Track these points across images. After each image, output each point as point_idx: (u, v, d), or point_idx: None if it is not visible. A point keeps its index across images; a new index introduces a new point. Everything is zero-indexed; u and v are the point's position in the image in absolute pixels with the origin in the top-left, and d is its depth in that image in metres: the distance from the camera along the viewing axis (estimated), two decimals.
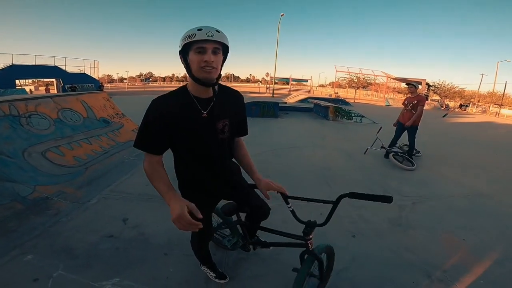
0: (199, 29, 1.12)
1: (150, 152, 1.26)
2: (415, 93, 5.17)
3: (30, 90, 22.45)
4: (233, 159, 1.56)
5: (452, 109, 24.39)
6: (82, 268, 1.95)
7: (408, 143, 5.29)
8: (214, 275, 1.87)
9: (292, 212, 1.42)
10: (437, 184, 4.17)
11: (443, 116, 15.35)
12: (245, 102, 1.54)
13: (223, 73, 1.31)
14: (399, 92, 30.97)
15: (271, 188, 1.44)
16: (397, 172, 4.65)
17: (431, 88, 31.81)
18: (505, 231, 2.80)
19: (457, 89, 33.59)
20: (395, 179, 4.28)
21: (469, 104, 27.34)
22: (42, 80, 24.83)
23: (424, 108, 5.10)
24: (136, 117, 6.85)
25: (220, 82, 1.32)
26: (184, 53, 1.18)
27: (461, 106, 26.40)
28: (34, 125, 3.97)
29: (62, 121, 4.51)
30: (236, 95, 1.45)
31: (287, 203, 1.42)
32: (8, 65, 19.21)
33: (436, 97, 32.53)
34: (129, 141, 5.30)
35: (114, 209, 2.86)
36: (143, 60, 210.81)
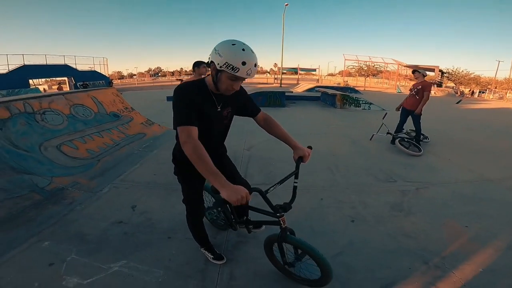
0: (243, 63, 1.23)
1: (194, 124, 1.33)
2: (420, 78, 5.08)
3: (44, 89, 23.01)
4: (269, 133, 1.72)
5: (467, 95, 23.46)
6: (93, 252, 2.08)
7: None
8: (212, 256, 1.98)
9: (295, 188, 1.52)
10: (444, 169, 4.09)
11: (457, 103, 14.86)
12: (251, 92, 1.64)
13: None
14: (411, 80, 29.99)
15: (305, 157, 1.56)
16: (403, 157, 4.60)
17: (445, 75, 30.72)
18: (511, 219, 2.68)
19: (472, 76, 32.22)
20: (400, 164, 4.25)
21: (486, 90, 26.20)
22: (55, 79, 25.31)
23: (438, 94, 4.99)
24: (145, 111, 7.03)
25: None
26: (219, 69, 1.29)
27: (472, 92, 25.31)
28: (49, 121, 4.18)
29: (75, 116, 4.71)
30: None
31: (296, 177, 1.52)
32: (20, 65, 19.54)
33: (451, 84, 31.38)
34: (138, 134, 5.47)
35: (124, 197, 3.02)
36: (151, 56, 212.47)
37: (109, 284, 1.78)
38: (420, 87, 4.97)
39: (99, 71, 26.32)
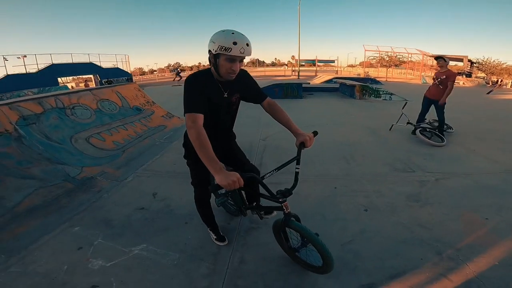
0: (234, 43, 1.33)
1: (200, 111, 1.43)
2: (444, 67, 4.85)
3: (72, 86, 24.04)
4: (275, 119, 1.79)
5: (499, 85, 21.70)
6: (117, 236, 2.25)
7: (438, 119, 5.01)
8: (215, 237, 2.10)
9: (296, 174, 1.56)
10: (468, 160, 3.91)
11: (488, 93, 13.85)
12: (267, 85, 1.70)
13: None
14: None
15: (306, 142, 1.62)
16: (424, 148, 4.46)
17: (474, 65, 28.67)
18: None
19: (504, 66, 29.69)
20: (421, 155, 4.11)
21: None
22: (81, 76, 26.35)
23: (467, 85, 4.76)
24: (166, 105, 7.27)
25: (243, 67, 1.64)
26: (215, 54, 1.40)
27: (501, 84, 23.42)
28: (78, 115, 4.49)
29: (101, 110, 5.01)
30: (244, 74, 1.72)
31: (298, 163, 1.58)
32: (49, 64, 20.29)
33: (482, 74, 29.19)
34: (159, 126, 5.73)
35: (146, 185, 3.21)
36: (170, 51, 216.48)
37: (129, 266, 1.92)
38: (444, 77, 4.74)
39: (122, 68, 27.18)
